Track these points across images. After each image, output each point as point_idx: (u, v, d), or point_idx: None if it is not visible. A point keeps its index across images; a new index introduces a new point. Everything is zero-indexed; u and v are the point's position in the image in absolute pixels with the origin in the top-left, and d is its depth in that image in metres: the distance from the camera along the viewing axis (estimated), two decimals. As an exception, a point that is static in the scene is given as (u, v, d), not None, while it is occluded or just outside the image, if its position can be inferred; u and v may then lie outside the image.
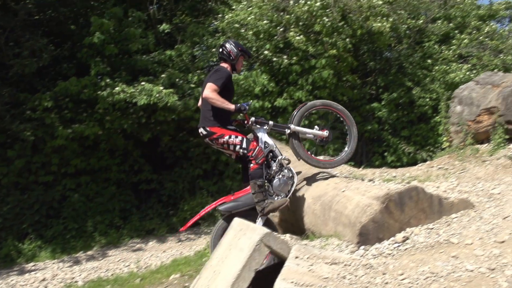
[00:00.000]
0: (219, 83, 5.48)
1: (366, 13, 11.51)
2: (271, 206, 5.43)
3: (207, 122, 5.61)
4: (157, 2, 12.46)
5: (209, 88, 5.42)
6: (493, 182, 5.95)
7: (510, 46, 14.23)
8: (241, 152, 5.58)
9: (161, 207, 11.72)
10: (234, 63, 5.84)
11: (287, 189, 5.64)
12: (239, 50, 5.84)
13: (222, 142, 5.58)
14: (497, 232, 4.28)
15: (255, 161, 5.51)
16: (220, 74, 5.58)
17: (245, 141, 5.59)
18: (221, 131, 5.56)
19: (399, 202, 4.54)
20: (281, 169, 5.69)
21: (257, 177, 5.48)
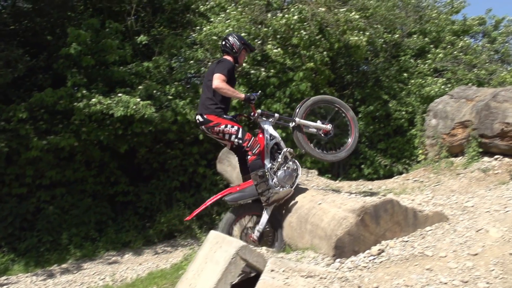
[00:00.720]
0: (226, 72, 5.55)
1: (343, 27, 11.62)
2: (276, 196, 5.53)
3: (205, 109, 5.65)
4: (135, 13, 12.44)
5: (218, 79, 5.48)
6: (467, 195, 6.01)
7: (483, 61, 14.50)
8: (236, 142, 5.62)
9: (137, 219, 11.64)
10: (237, 56, 5.94)
11: (292, 180, 5.71)
12: (242, 43, 5.94)
13: (218, 131, 5.62)
14: (470, 245, 4.33)
15: (252, 152, 5.55)
16: (224, 65, 5.65)
17: (241, 131, 5.62)
18: (217, 120, 5.59)
19: (375, 215, 4.56)
20: (286, 161, 5.76)
21: (257, 168, 5.53)
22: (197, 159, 11.89)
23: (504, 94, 7.18)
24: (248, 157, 5.57)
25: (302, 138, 5.92)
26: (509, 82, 13.13)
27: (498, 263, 3.98)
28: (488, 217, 4.87)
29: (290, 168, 5.73)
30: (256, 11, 11.78)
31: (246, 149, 5.57)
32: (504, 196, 5.44)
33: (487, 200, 5.49)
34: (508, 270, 3.88)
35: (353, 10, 12.02)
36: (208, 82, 5.66)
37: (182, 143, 11.81)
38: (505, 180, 6.38)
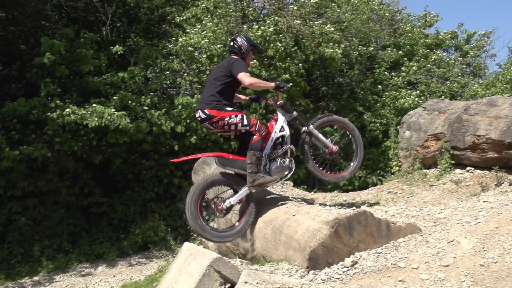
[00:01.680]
0: (246, 69, 5.69)
1: (319, 39, 11.73)
2: (262, 179, 5.57)
3: (206, 104, 5.68)
4: (110, 23, 12.39)
5: (245, 77, 5.58)
6: (439, 206, 6.08)
7: (455, 74, 14.79)
8: (243, 129, 5.68)
9: (111, 230, 11.51)
10: (245, 57, 5.98)
11: (283, 174, 5.78)
12: (250, 44, 6.01)
13: (223, 124, 5.66)
14: (442, 256, 4.38)
15: (259, 133, 5.66)
16: (241, 63, 5.74)
17: (245, 118, 5.69)
18: (220, 114, 5.63)
19: (348, 226, 4.59)
20: (285, 156, 5.85)
21: (257, 149, 5.61)
22: (173, 170, 11.83)
23: (475, 107, 7.31)
24: (254, 137, 5.64)
25: (307, 146, 6.07)
26: (481, 95, 13.38)
27: (469, 274, 4.03)
28: (460, 229, 4.94)
29: (286, 163, 5.81)
30: (232, 23, 11.85)
31: (254, 132, 5.64)
32: (475, 208, 5.52)
33: (459, 211, 5.56)
34: (479, 281, 3.93)
35: (328, 22, 12.17)
36: (214, 80, 5.77)
37: (157, 154, 11.74)
38: (477, 191, 6.48)
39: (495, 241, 4.49)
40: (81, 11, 12.14)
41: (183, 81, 11.94)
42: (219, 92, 5.70)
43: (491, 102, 7.26)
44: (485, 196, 6.00)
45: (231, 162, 5.69)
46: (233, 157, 5.73)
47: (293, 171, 5.90)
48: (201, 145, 11.75)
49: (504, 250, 4.30)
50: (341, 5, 14.52)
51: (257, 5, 13.56)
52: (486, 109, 7.15)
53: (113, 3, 12.23)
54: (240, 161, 5.66)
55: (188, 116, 10.97)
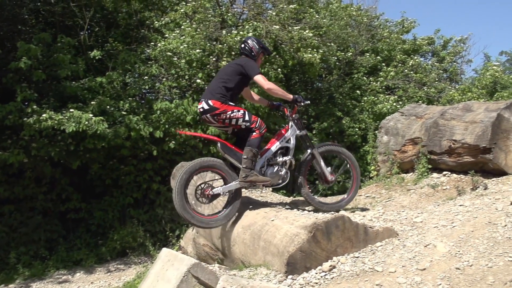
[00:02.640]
0: (260, 71, 5.88)
1: (297, 44, 11.78)
2: (254, 177, 5.67)
3: (211, 95, 5.78)
4: (88, 28, 12.29)
5: (264, 80, 5.78)
6: (416, 210, 6.15)
7: (433, 79, 14.97)
8: (243, 125, 5.78)
9: (89, 236, 11.37)
10: (255, 59, 6.10)
11: (276, 181, 5.94)
12: (260, 47, 6.15)
13: (224, 118, 5.75)
14: (419, 260, 4.42)
15: (259, 130, 5.77)
16: (254, 64, 5.90)
17: (247, 114, 5.79)
18: (223, 107, 5.72)
19: (326, 231, 4.61)
20: (283, 166, 6.00)
21: (255, 145, 5.70)
22: (151, 175, 11.74)
23: (452, 112, 7.41)
24: (253, 133, 5.74)
25: (305, 167, 6.24)
26: (457, 100, 13.54)
27: (445, 278, 4.08)
28: (436, 232, 5.00)
29: (282, 172, 5.97)
30: (211, 28, 11.84)
31: (254, 129, 5.75)
32: (452, 212, 5.60)
33: (436, 215, 5.63)
34: (454, 284, 3.98)
35: (306, 28, 12.22)
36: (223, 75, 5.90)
37: (136, 159, 11.65)
38: (453, 195, 6.57)
39: (471, 245, 4.55)
40: (58, 16, 12.02)
41: (162, 86, 11.90)
42: (226, 87, 5.83)
43: (466, 107, 7.38)
44: (461, 200, 6.08)
45: (231, 152, 5.81)
46: (234, 148, 5.85)
47: (285, 183, 6.03)
48: (180, 150, 11.72)
49: (479, 253, 4.35)
50: (319, 11, 14.61)
51: (236, 10, 13.57)
52: (462, 114, 7.26)
53: (91, 7, 12.13)
54: (240, 153, 5.77)
55: (167, 121, 10.93)
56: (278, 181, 5.97)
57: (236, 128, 5.91)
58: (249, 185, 5.79)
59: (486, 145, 6.53)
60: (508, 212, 5.06)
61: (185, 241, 8.13)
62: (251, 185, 5.80)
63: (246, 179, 5.64)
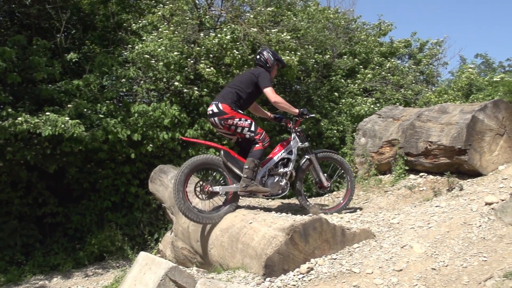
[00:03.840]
0: (271, 84, 6.04)
1: (275, 47, 11.80)
2: (254, 187, 5.79)
3: (222, 99, 5.91)
4: (65, 30, 12.17)
5: (272, 93, 5.95)
6: (394, 211, 6.20)
7: (409, 81, 15.11)
8: (248, 135, 5.91)
9: (66, 241, 11.25)
10: (270, 71, 6.28)
11: (276, 191, 6.09)
12: (275, 59, 6.37)
13: (231, 124, 5.86)
14: (395, 261, 4.46)
15: (262, 143, 5.90)
16: (268, 77, 6.07)
17: (253, 125, 5.92)
18: (232, 113, 5.85)
19: (304, 233, 4.62)
20: (283, 177, 6.15)
21: (257, 157, 5.83)
22: (129, 179, 11.66)
23: (428, 114, 7.49)
24: (256, 145, 5.88)
25: (302, 174, 6.49)
26: (434, 102, 13.70)
27: (421, 278, 4.12)
28: (413, 233, 5.04)
29: (282, 182, 6.12)
30: (189, 30, 11.81)
31: (258, 141, 5.89)
32: (428, 213, 5.65)
33: (412, 216, 5.68)
34: (430, 284, 4.02)
35: (284, 31, 12.26)
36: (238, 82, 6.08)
37: (113, 163, 11.55)
38: (429, 196, 6.64)
39: (446, 245, 4.60)
40: (34, 18, 11.87)
41: (139, 89, 11.83)
42: (239, 95, 5.99)
43: (442, 109, 7.46)
44: (437, 201, 6.15)
45: (234, 160, 5.91)
46: (237, 157, 5.97)
47: (284, 193, 6.16)
48: (158, 154, 11.67)
49: (454, 253, 4.41)
50: (297, 14, 14.66)
51: (214, 13, 13.55)
52: (437, 116, 7.34)
53: (67, 9, 12.02)
54: (242, 162, 5.89)
55: (145, 124, 10.87)
56: (278, 191, 6.12)
57: (240, 136, 6.03)
58: (248, 195, 5.93)
59: (461, 147, 6.61)
60: (482, 212, 5.13)
61: (164, 245, 8.10)
62: (250, 195, 5.94)
63: (246, 189, 5.76)
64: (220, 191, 5.88)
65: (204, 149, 11.59)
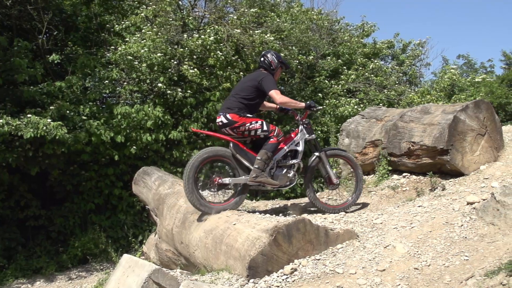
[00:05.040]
0: (276, 87, 6.07)
1: (259, 48, 11.82)
2: (264, 179, 5.88)
3: (229, 110, 6.01)
4: (46, 32, 12.05)
5: (277, 95, 5.96)
6: (377, 212, 6.24)
7: (393, 82, 15.19)
8: (262, 135, 6.04)
9: (49, 244, 11.17)
10: (273, 73, 6.37)
11: (284, 182, 6.17)
12: (279, 61, 6.42)
13: (244, 130, 6.00)
14: (378, 261, 4.49)
15: (277, 138, 6.03)
16: (270, 79, 6.10)
17: (265, 124, 6.06)
18: (242, 120, 5.97)
19: (287, 234, 4.63)
20: (291, 168, 6.22)
21: (270, 150, 5.96)
22: (113, 181, 11.60)
23: (410, 115, 7.54)
24: (270, 139, 6.00)
25: (312, 169, 6.55)
26: (417, 102, 13.77)
27: (404, 278, 4.14)
28: (396, 233, 5.08)
29: (290, 174, 6.20)
30: (172, 32, 11.78)
31: (273, 137, 6.01)
32: (411, 213, 5.70)
33: (395, 216, 5.72)
34: (413, 284, 4.05)
35: (268, 32, 12.28)
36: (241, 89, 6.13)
37: (97, 165, 11.49)
38: (412, 197, 6.68)
39: (429, 245, 4.64)
40: (15, 19, 11.74)
41: (123, 90, 11.77)
42: (244, 101, 6.07)
43: (424, 110, 7.51)
44: (420, 201, 6.20)
45: (243, 152, 6.01)
46: (246, 149, 6.07)
47: (292, 185, 6.28)
48: (142, 155, 11.63)
49: (437, 253, 4.44)
50: (280, 15, 14.67)
51: (197, 14, 13.54)
52: (420, 116, 7.39)
53: (49, 10, 11.91)
54: (251, 154, 6.01)
55: (128, 125, 10.82)
56: (286, 183, 6.20)
57: (255, 138, 6.14)
58: (257, 185, 6.00)
59: (444, 147, 6.66)
60: (464, 212, 5.18)
61: (148, 247, 8.06)
62: (259, 185, 6.00)
63: (256, 179, 5.86)
64: (230, 182, 5.96)
65: (189, 150, 11.57)
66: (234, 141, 6.03)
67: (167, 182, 7.45)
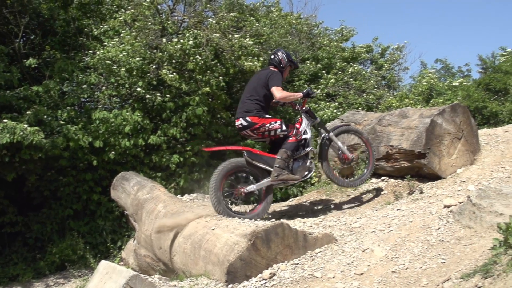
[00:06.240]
0: (280, 84, 6.17)
1: (238, 52, 11.82)
2: (286, 176, 6.01)
3: (247, 113, 6.15)
4: (23, 35, 11.92)
5: (277, 91, 6.07)
6: (356, 215, 6.25)
7: (371, 86, 15.31)
8: (281, 134, 6.20)
9: (26, 251, 11.01)
10: (283, 71, 6.50)
11: (303, 173, 6.27)
12: (289, 60, 6.58)
13: (264, 130, 6.15)
14: (357, 265, 4.50)
15: (296, 137, 6.19)
16: (278, 76, 6.24)
17: (284, 124, 6.23)
18: (261, 121, 6.11)
19: (266, 239, 4.62)
20: (306, 157, 6.34)
21: (290, 149, 6.10)
22: (92, 186, 11.48)
23: (388, 118, 7.59)
24: (289, 138, 6.15)
25: (325, 151, 6.64)
26: (395, 106, 13.88)
27: (381, 281, 4.16)
28: (374, 237, 5.10)
29: (307, 163, 6.32)
30: (151, 36, 11.74)
31: (291, 136, 6.16)
32: (389, 216, 5.73)
33: (373, 220, 5.74)
34: (391, 287, 4.07)
35: (247, 36, 12.29)
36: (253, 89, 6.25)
37: (75, 170, 11.37)
38: (391, 200, 6.71)
39: (406, 248, 4.67)
40: (-10, 23, 11.65)
41: (101, 95, 11.68)
42: (259, 100, 6.20)
43: (402, 114, 7.56)
44: (398, 205, 6.23)
45: (258, 157, 6.10)
46: (260, 153, 6.19)
47: (312, 173, 6.39)
48: (121, 160, 11.54)
49: (414, 256, 4.47)
50: (260, 19, 14.71)
51: (176, 18, 13.50)
52: (398, 120, 7.44)
53: (26, 14, 11.79)
54: (266, 157, 6.12)
55: (106, 130, 10.74)
56: (305, 173, 6.29)
57: (275, 138, 6.27)
58: (280, 183, 6.17)
59: (421, 150, 6.71)
60: (441, 215, 5.22)
61: (127, 253, 8.00)
62: (282, 183, 6.18)
63: (278, 177, 5.97)
64: (255, 189, 6.03)
65: (169, 154, 11.51)
66: (247, 148, 6.14)
67: (145, 187, 7.40)
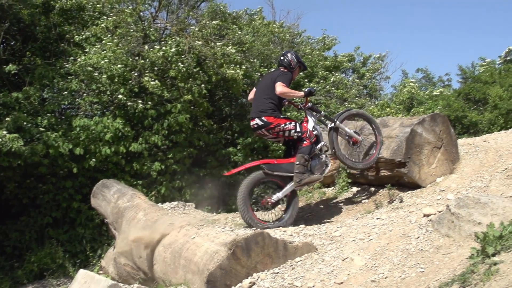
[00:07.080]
0: (286, 82, 6.30)
1: (220, 60, 11.81)
2: (308, 179, 6.20)
3: (263, 112, 6.28)
4: (3, 41, 11.81)
5: (280, 86, 6.19)
6: (336, 224, 6.26)
7: (353, 95, 15.39)
8: (295, 135, 6.32)
9: (4, 259, 10.86)
10: (292, 72, 6.65)
11: (322, 170, 6.43)
12: (298, 61, 6.73)
13: (279, 130, 6.28)
14: (336, 274, 4.51)
15: (309, 139, 6.31)
16: (286, 76, 6.41)
17: (298, 125, 6.37)
18: (277, 121, 6.25)
19: (246, 247, 4.61)
20: (321, 153, 6.50)
21: (306, 153, 6.25)
22: (72, 194, 11.35)
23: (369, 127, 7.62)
24: (304, 142, 6.28)
25: (335, 139, 6.72)
26: (377, 115, 13.96)
27: (361, 290, 4.17)
28: (354, 246, 5.11)
29: (323, 159, 6.47)
30: (133, 43, 11.70)
31: (305, 138, 6.29)
32: (369, 225, 5.74)
33: (354, 229, 5.76)
34: (370, 296, 4.08)
35: (229, 44, 12.30)
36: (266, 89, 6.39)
37: (55, 177, 11.25)
38: (371, 209, 6.73)
39: (386, 257, 4.68)
40: (-31, 28, 11.50)
41: (82, 102, 11.60)
42: (275, 102, 6.33)
43: (383, 123, 7.60)
44: (378, 213, 6.24)
45: (277, 166, 6.25)
46: (277, 162, 6.36)
47: (329, 167, 6.57)
48: (102, 168, 11.44)
49: (393, 265, 4.49)
50: (242, 27, 14.73)
51: (158, 26, 13.48)
52: (378, 129, 7.47)
53: (6, 20, 11.67)
54: (285, 164, 6.29)
55: (87, 137, 10.66)
56: (323, 169, 6.46)
57: (289, 138, 6.41)
58: (304, 187, 6.47)
59: (401, 160, 6.75)
60: (421, 224, 5.25)
61: (106, 261, 7.92)
62: (306, 186, 6.46)
63: (301, 182, 6.17)
64: (280, 197, 6.22)
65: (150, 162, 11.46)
66: (264, 161, 6.33)
67: (126, 195, 7.36)
